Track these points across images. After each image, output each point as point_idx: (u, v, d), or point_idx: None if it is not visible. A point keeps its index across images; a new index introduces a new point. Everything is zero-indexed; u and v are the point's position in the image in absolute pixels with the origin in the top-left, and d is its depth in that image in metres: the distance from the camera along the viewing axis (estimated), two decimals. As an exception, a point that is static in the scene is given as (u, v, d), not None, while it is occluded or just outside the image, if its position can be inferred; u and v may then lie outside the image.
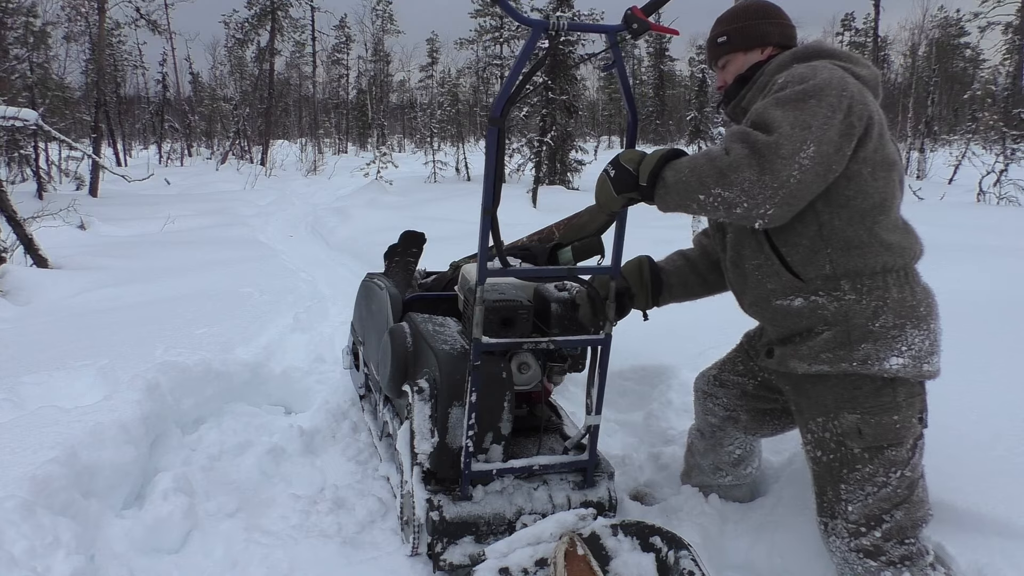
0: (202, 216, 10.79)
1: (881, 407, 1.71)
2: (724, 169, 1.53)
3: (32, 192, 12.22)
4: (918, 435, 1.76)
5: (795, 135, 1.50)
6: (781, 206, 1.53)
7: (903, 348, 1.68)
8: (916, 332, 1.69)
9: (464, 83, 32.80)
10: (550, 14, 1.83)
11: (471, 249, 3.34)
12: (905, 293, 1.69)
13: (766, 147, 1.50)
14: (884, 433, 1.72)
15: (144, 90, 38.14)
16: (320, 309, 5.01)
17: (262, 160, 23.82)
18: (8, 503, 1.99)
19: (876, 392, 1.71)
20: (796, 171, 1.50)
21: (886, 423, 1.71)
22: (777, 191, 1.51)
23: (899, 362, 1.67)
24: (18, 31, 15.10)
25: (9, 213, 6.30)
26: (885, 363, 1.68)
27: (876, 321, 1.68)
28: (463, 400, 2.08)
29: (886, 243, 1.67)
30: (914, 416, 1.74)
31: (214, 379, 3.29)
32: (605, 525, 1.91)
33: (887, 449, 1.72)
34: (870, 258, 1.67)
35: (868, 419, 1.72)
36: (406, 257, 3.16)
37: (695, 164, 1.60)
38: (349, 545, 2.32)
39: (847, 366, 1.70)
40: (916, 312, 1.69)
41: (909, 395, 1.72)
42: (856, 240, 1.67)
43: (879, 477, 1.73)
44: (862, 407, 1.72)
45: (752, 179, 1.51)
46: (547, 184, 16.38)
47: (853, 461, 1.75)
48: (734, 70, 1.92)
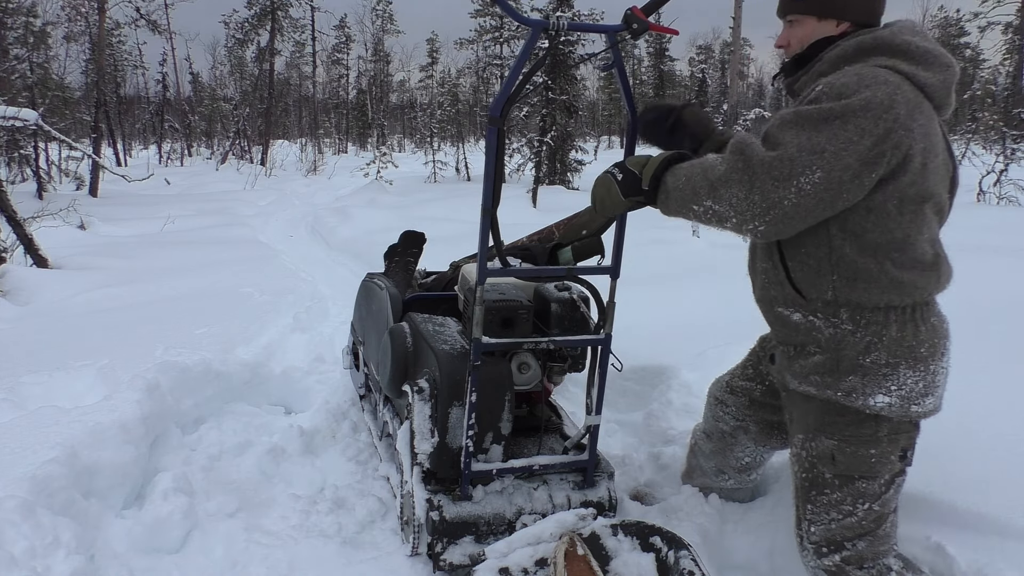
0: (202, 216, 10.79)
1: (859, 438, 1.67)
2: (715, 182, 1.49)
3: (32, 192, 12.22)
4: (897, 472, 1.71)
5: (799, 159, 1.42)
6: (774, 224, 1.48)
7: (891, 387, 1.61)
8: (910, 373, 1.61)
9: (464, 83, 32.82)
10: (550, 14, 1.83)
11: (471, 249, 3.34)
12: (906, 332, 1.61)
13: (760, 165, 1.44)
14: (858, 464, 1.67)
15: (144, 90, 38.21)
16: (320, 309, 5.01)
17: (262, 160, 23.81)
18: (8, 503, 1.99)
19: (858, 423, 1.66)
20: (792, 195, 1.43)
21: (861, 455, 1.67)
22: (767, 211, 1.46)
23: (885, 400, 1.61)
24: (18, 31, 15.11)
25: (9, 213, 6.29)
26: (870, 399, 1.62)
27: (867, 356, 1.62)
28: (463, 400, 2.08)
29: (896, 280, 1.58)
30: (894, 453, 1.68)
31: (214, 379, 3.29)
32: (605, 525, 1.91)
33: (858, 480, 1.68)
34: (875, 293, 1.59)
35: (844, 447, 1.68)
36: (406, 257, 3.16)
37: (691, 173, 1.56)
38: (349, 545, 2.32)
39: (832, 394, 1.66)
40: (914, 352, 1.61)
41: (893, 432, 1.67)
42: (864, 272, 1.58)
43: (845, 506, 1.70)
44: (840, 434, 1.68)
45: (740, 196, 1.46)
46: (547, 184, 16.38)
47: (823, 485, 1.72)
48: (800, 37, 1.71)
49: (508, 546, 1.95)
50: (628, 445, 2.95)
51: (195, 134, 31.67)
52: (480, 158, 24.50)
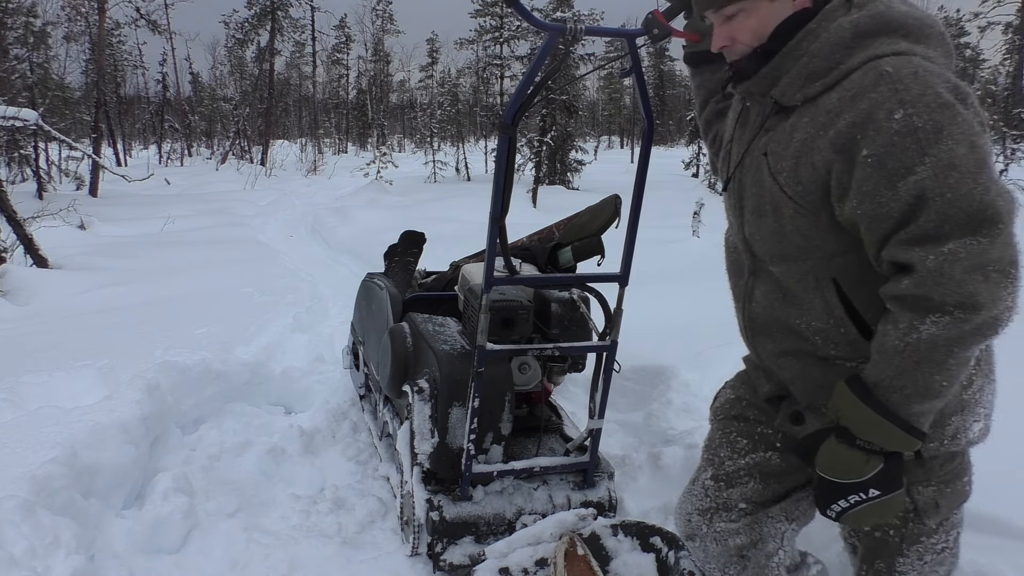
0: (202, 216, 10.79)
1: (955, 472, 1.41)
2: (985, 324, 1.11)
3: (32, 192, 12.23)
4: None
5: (993, 189, 1.09)
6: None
7: (981, 410, 1.35)
8: (990, 387, 1.36)
9: (464, 83, 32.75)
10: (567, 19, 1.74)
11: (471, 249, 3.34)
12: (984, 350, 1.34)
13: (997, 233, 1.08)
14: (958, 498, 1.43)
15: (144, 90, 38.18)
16: (320, 309, 5.01)
17: (262, 160, 23.81)
18: (8, 503, 1.99)
19: (950, 458, 1.39)
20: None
21: (959, 488, 1.42)
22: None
23: (979, 427, 1.36)
24: (18, 31, 15.12)
25: (9, 213, 6.29)
26: (969, 433, 1.35)
27: (970, 387, 1.32)
28: (463, 400, 2.08)
29: None
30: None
31: (214, 379, 3.29)
32: (605, 525, 1.91)
33: (956, 512, 1.45)
34: None
35: (944, 489, 1.40)
36: (406, 257, 3.16)
37: (941, 360, 1.13)
38: (349, 545, 2.32)
39: (936, 446, 1.32)
40: (990, 363, 1.36)
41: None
42: None
43: (941, 543, 1.45)
44: (937, 477, 1.38)
45: (1014, 294, 1.11)
46: (547, 184, 16.38)
47: (919, 534, 1.43)
48: (754, 27, 1.27)
49: (508, 546, 1.95)
50: (628, 445, 2.95)
51: (195, 134, 31.67)
52: (480, 158, 24.55)
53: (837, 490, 1.23)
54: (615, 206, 2.53)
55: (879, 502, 1.22)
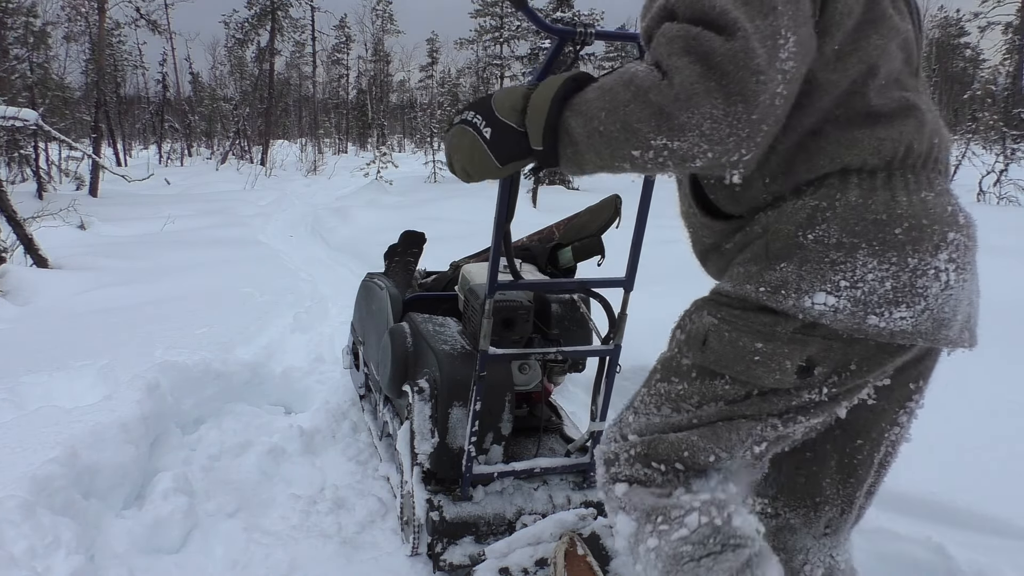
0: (202, 216, 10.79)
1: (748, 324, 1.14)
2: (667, 107, 0.94)
3: (32, 192, 12.21)
4: (789, 387, 1.14)
5: (764, 28, 0.94)
6: (765, 139, 0.99)
7: (841, 280, 1.06)
8: (873, 262, 1.05)
9: (464, 83, 32.78)
10: (577, 23, 1.64)
11: (471, 249, 3.34)
12: (874, 199, 1.06)
13: (730, 59, 0.91)
14: (733, 359, 1.15)
15: (144, 90, 38.22)
16: (320, 309, 5.01)
17: (262, 160, 23.82)
18: (8, 503, 1.99)
19: (757, 308, 1.14)
20: (781, 86, 0.96)
21: (743, 347, 1.14)
22: (758, 125, 0.95)
23: (828, 301, 1.07)
24: (18, 31, 15.12)
25: (9, 213, 6.29)
26: (805, 298, 1.07)
27: (810, 230, 1.08)
28: (463, 400, 2.08)
29: (848, 140, 1.08)
30: (791, 360, 1.12)
31: (214, 379, 3.29)
32: (605, 525, 1.91)
33: (719, 380, 1.17)
34: (822, 161, 1.09)
35: (723, 330, 1.16)
36: (406, 257, 3.16)
37: (615, 102, 0.99)
38: (349, 545, 2.32)
39: (751, 289, 1.12)
40: (884, 232, 1.05)
41: (804, 331, 1.11)
42: (802, 152, 1.11)
43: (686, 403, 1.21)
44: (726, 312, 1.17)
45: (717, 115, 0.93)
46: (547, 184, 16.37)
47: (671, 371, 1.24)
48: None
49: (508, 546, 1.95)
50: (628, 445, 2.95)
51: (195, 134, 31.67)
52: (480, 158, 24.42)
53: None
54: (615, 206, 2.53)
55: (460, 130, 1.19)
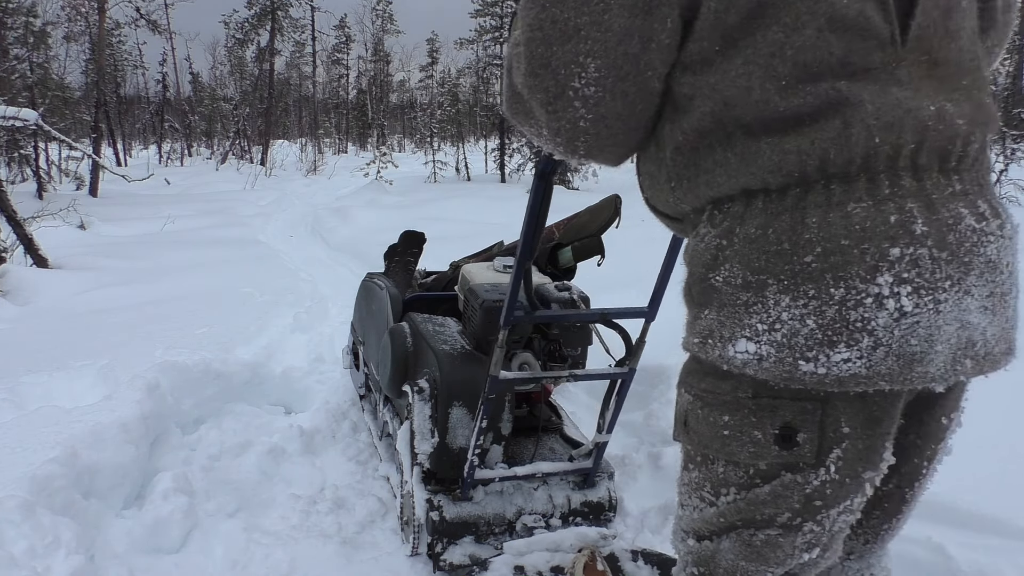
0: (202, 216, 10.79)
1: (715, 395, 1.03)
2: (507, 117, 1.12)
3: (32, 192, 12.21)
4: (777, 462, 1.00)
5: (555, 56, 0.96)
6: (587, 153, 1.05)
7: (758, 324, 0.93)
8: (787, 300, 0.91)
9: (464, 83, 32.77)
10: None
11: (471, 249, 3.34)
12: (774, 227, 0.92)
13: (525, 90, 1.02)
14: (710, 436, 1.05)
15: (144, 90, 38.21)
16: (320, 309, 5.01)
17: (262, 160, 23.82)
18: (8, 503, 1.99)
19: (716, 372, 1.02)
20: (582, 110, 0.98)
21: (713, 423, 1.04)
22: (569, 144, 1.04)
23: (748, 349, 0.94)
24: (18, 31, 15.11)
25: (9, 213, 6.29)
26: (728, 347, 0.96)
27: (717, 271, 0.97)
28: (463, 400, 2.09)
29: (749, 154, 0.94)
30: (763, 429, 0.99)
31: (214, 379, 3.29)
32: (626, 549, 1.91)
33: (715, 463, 1.08)
34: (723, 176, 0.97)
35: (697, 407, 1.07)
36: (406, 257, 3.16)
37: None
38: (349, 545, 2.32)
39: (689, 339, 1.05)
40: (791, 264, 0.90)
41: (762, 395, 0.98)
42: (701, 161, 0.99)
43: (706, 491, 1.11)
44: (697, 387, 1.07)
45: (531, 134, 1.09)
46: (547, 184, 16.34)
47: (685, 456, 1.16)
48: None
49: (527, 546, 1.96)
50: (628, 445, 2.95)
51: (195, 134, 31.67)
52: (480, 158, 24.52)
53: None
54: (615, 206, 2.53)
55: None
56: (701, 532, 1.15)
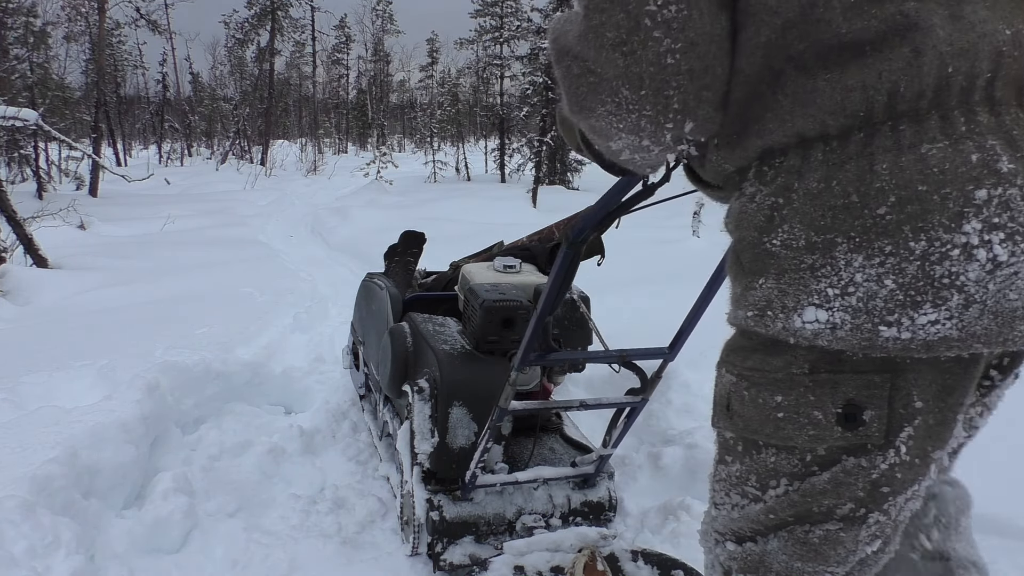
0: (202, 216, 10.79)
1: (764, 373, 0.92)
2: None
3: (32, 192, 12.22)
4: (838, 445, 0.89)
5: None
6: (683, 107, 0.87)
7: (828, 288, 0.82)
8: (861, 259, 0.80)
9: (464, 83, 32.77)
10: None
11: (471, 249, 3.34)
12: (841, 177, 0.81)
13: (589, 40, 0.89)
14: (760, 420, 0.94)
15: (144, 90, 38.22)
16: (320, 309, 5.01)
17: (262, 160, 23.83)
18: (8, 503, 1.99)
19: (766, 347, 0.92)
20: (666, 43, 0.83)
21: (763, 404, 0.92)
22: (656, 88, 0.86)
23: (819, 317, 0.83)
24: (18, 31, 15.11)
25: (9, 213, 6.29)
26: (793, 317, 0.84)
27: (774, 234, 0.86)
28: (463, 400, 2.09)
29: (804, 93, 0.83)
30: (824, 408, 0.87)
31: (214, 379, 3.29)
32: (626, 549, 1.91)
33: (764, 449, 0.96)
34: (767, 120, 0.86)
35: (741, 387, 0.95)
36: (406, 257, 3.16)
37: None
38: (349, 545, 2.32)
39: (742, 316, 0.92)
40: (863, 218, 0.79)
41: (821, 367, 0.87)
42: (756, 105, 0.88)
43: (750, 486, 1.00)
44: (742, 365, 0.95)
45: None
46: (547, 184, 16.39)
47: (723, 449, 1.05)
48: None
49: (527, 546, 1.96)
50: (628, 445, 2.95)
51: (195, 134, 31.68)
52: (480, 158, 24.49)
53: None
54: (615, 206, 2.53)
55: None
56: (743, 533, 1.05)
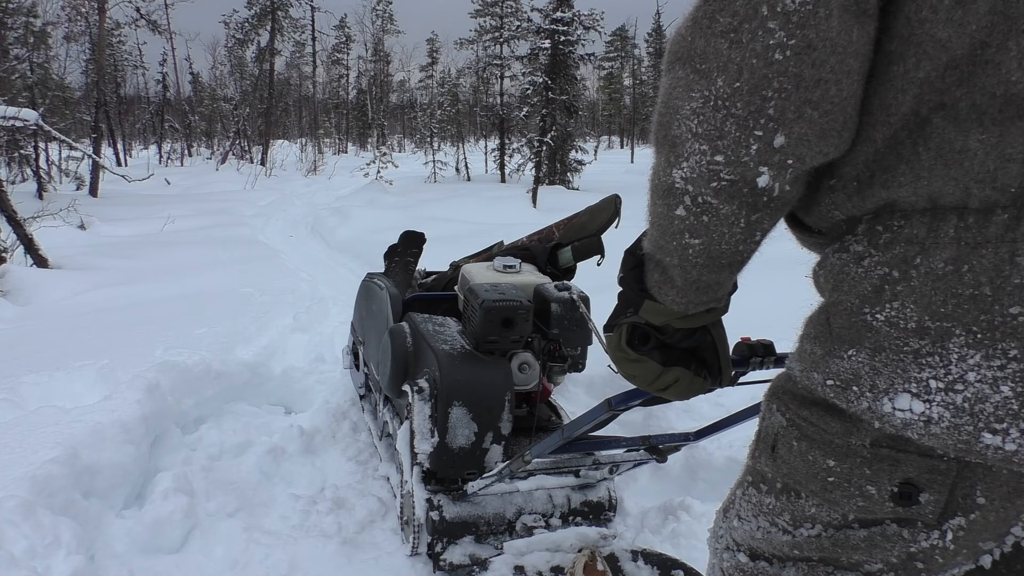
0: (202, 216, 10.79)
1: (819, 430, 0.84)
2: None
3: (32, 192, 12.23)
4: (889, 517, 0.82)
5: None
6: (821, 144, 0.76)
7: (931, 380, 0.73)
8: (979, 358, 0.70)
9: (464, 83, 32.78)
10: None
11: (471, 249, 3.35)
12: (972, 264, 0.70)
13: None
14: (805, 475, 0.86)
15: (144, 90, 38.22)
16: (320, 309, 5.01)
17: (262, 160, 23.83)
18: (8, 503, 1.99)
19: (827, 409, 0.84)
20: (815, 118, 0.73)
21: (813, 461, 0.84)
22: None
23: (913, 408, 0.74)
24: (18, 31, 15.11)
25: (9, 213, 6.30)
26: (883, 400, 0.76)
27: (879, 308, 0.75)
28: (463, 400, 2.09)
29: (949, 151, 0.70)
30: (880, 483, 0.80)
31: (214, 379, 3.29)
32: (626, 549, 1.91)
33: (807, 500, 0.88)
34: (898, 172, 0.74)
35: (791, 435, 0.87)
36: (406, 257, 3.16)
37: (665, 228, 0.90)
38: (349, 545, 2.32)
39: (819, 380, 0.82)
40: (992, 314, 0.69)
41: (884, 445, 0.79)
42: (884, 158, 0.76)
43: (782, 519, 0.92)
44: (796, 413, 0.87)
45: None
46: (547, 184, 16.39)
47: (759, 479, 0.96)
48: None
49: (527, 546, 1.96)
50: (628, 445, 2.95)
51: (195, 134, 31.69)
52: (480, 158, 24.48)
53: None
54: (615, 206, 2.53)
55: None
56: (760, 552, 0.99)
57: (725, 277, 0.92)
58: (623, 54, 45.25)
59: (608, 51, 44.81)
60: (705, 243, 0.86)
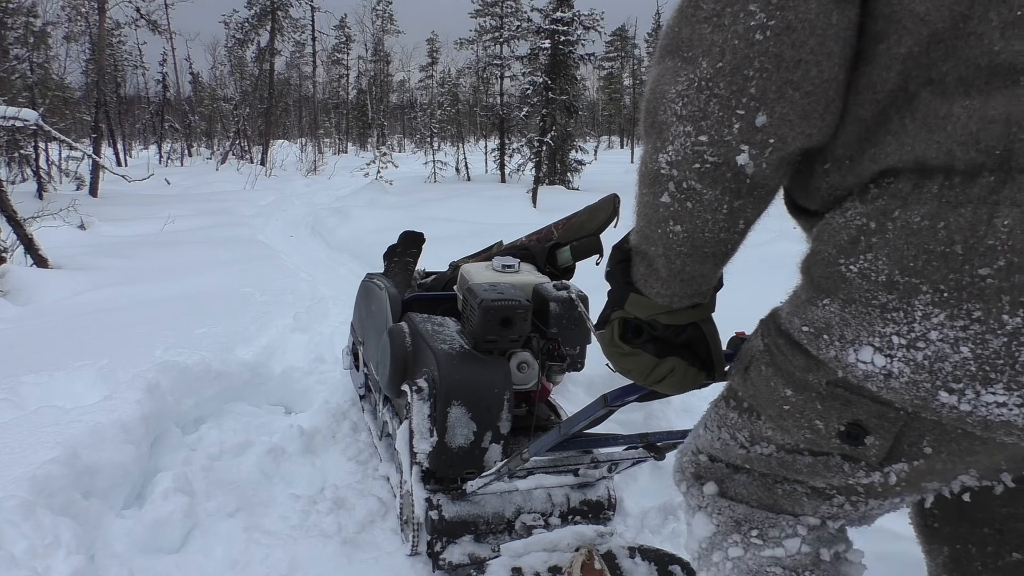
0: (202, 216, 10.79)
1: (785, 360, 0.88)
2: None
3: (32, 192, 12.23)
4: (835, 452, 0.87)
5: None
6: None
7: (894, 335, 0.74)
8: (943, 317, 0.71)
9: (464, 83, 32.77)
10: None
11: (471, 249, 3.35)
12: (949, 221, 0.70)
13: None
14: (766, 399, 0.92)
15: (144, 90, 38.22)
16: (320, 309, 5.01)
17: (262, 160, 23.83)
18: (8, 503, 1.99)
19: (792, 345, 0.87)
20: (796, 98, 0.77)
21: (773, 389, 0.90)
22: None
23: (874, 361, 0.76)
24: (18, 31, 15.12)
25: (9, 213, 6.30)
26: (848, 351, 0.78)
27: (853, 259, 0.77)
28: (462, 400, 2.09)
29: (936, 117, 0.71)
30: (828, 421, 0.84)
31: (214, 379, 3.29)
32: (623, 546, 1.91)
33: (763, 421, 0.94)
34: (887, 144, 0.75)
35: (761, 361, 0.92)
36: (406, 257, 3.17)
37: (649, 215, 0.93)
38: (349, 545, 2.32)
39: (797, 325, 0.85)
40: (961, 273, 0.69)
41: (839, 388, 0.83)
42: (873, 134, 0.77)
43: (741, 434, 0.99)
44: (773, 340, 0.91)
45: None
46: (547, 184, 16.40)
47: (728, 394, 1.04)
48: None
49: (524, 547, 1.96)
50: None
51: (195, 134, 31.69)
52: (480, 158, 24.50)
53: None
54: (614, 206, 2.53)
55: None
56: (717, 457, 1.05)
57: (709, 269, 0.94)
58: (623, 54, 45.27)
59: (608, 51, 44.83)
60: (689, 230, 0.88)
